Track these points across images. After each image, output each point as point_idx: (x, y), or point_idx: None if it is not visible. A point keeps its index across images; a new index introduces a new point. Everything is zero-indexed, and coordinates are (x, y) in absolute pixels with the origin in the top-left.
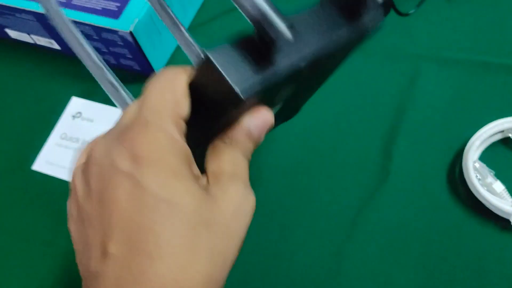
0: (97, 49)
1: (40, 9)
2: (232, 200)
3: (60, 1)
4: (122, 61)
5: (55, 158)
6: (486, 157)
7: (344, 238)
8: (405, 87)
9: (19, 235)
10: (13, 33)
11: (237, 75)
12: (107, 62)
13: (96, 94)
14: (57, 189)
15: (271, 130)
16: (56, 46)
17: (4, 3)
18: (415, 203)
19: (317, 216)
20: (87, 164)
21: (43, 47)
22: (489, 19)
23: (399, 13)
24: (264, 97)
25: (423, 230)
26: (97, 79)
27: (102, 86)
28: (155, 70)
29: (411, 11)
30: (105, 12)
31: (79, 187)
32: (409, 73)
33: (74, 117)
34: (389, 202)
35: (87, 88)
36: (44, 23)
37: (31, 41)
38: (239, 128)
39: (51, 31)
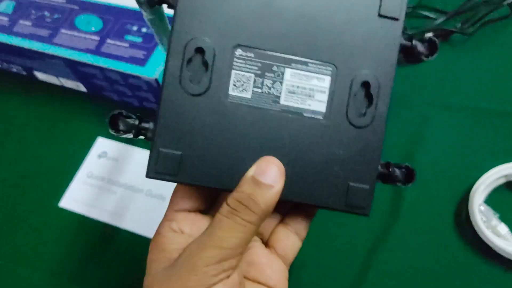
0: (123, 93)
1: (69, 55)
2: None
3: (89, 49)
4: (145, 104)
5: (82, 196)
6: (491, 200)
7: (357, 277)
8: (414, 132)
9: (46, 270)
10: (41, 75)
11: None
12: (131, 104)
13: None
14: (83, 226)
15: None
16: (82, 88)
17: (36, 49)
18: (424, 244)
19: (330, 255)
20: None
21: (69, 89)
22: (493, 68)
23: (406, 63)
24: None
25: (432, 271)
26: None
27: None
28: None
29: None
30: (132, 60)
31: None
32: (417, 119)
33: (100, 156)
34: (399, 243)
35: None
36: (72, 68)
37: (58, 83)
38: (243, 182)
39: (79, 75)
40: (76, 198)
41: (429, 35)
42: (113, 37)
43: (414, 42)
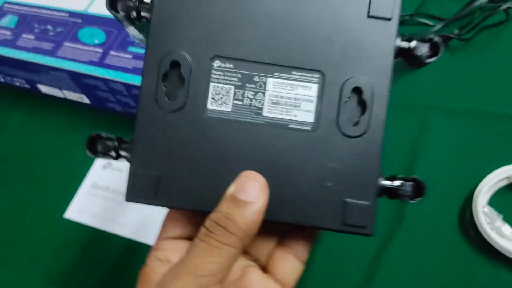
0: (126, 104)
1: (73, 68)
2: None
3: (93, 61)
4: None
5: (87, 206)
6: (494, 201)
7: (363, 281)
8: (415, 136)
9: (52, 281)
10: (44, 88)
11: None
12: (134, 114)
13: None
14: (88, 236)
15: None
16: (86, 100)
17: (40, 62)
18: (429, 247)
19: (336, 259)
20: None
21: (73, 102)
22: (491, 72)
23: (409, 67)
24: None
25: (437, 273)
26: None
27: None
28: None
29: None
30: (136, 71)
31: None
32: (418, 123)
33: (104, 167)
34: (405, 245)
35: None
36: (76, 80)
37: (62, 96)
38: (221, 201)
39: (83, 87)
40: (81, 209)
41: (430, 36)
42: (116, 49)
43: (413, 43)
